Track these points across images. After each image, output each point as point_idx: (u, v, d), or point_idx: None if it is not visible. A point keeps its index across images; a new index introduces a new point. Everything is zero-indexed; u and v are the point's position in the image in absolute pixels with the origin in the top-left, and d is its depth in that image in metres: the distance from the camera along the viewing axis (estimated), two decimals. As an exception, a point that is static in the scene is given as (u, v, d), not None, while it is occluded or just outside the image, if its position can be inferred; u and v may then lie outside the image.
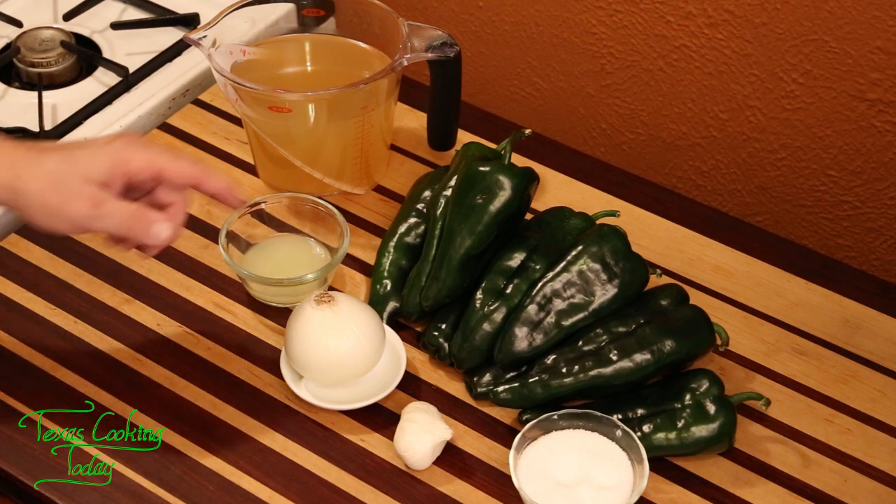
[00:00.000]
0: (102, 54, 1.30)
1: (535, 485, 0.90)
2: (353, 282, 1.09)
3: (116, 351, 1.02)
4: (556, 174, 1.19)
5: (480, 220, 1.00)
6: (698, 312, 0.99)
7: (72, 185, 0.86)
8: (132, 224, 0.88)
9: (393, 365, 1.00)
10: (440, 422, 0.94)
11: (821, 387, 1.03)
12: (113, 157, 0.87)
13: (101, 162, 0.87)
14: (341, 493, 0.93)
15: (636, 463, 0.92)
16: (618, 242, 1.00)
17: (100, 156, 0.87)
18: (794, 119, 1.17)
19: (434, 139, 1.19)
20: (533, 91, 1.33)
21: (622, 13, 1.21)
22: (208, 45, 1.07)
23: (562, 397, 0.97)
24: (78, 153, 0.87)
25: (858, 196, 1.19)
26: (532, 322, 0.98)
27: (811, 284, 1.11)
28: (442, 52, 1.09)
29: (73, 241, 1.10)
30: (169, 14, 1.35)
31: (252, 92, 1.06)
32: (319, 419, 0.98)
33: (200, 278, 1.08)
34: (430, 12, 1.34)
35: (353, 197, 1.16)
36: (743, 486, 0.95)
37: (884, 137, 1.13)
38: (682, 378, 0.97)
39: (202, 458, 0.95)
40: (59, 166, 0.86)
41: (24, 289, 1.06)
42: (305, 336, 0.96)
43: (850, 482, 0.96)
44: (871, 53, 1.09)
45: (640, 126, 1.28)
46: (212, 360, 1.02)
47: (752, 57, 1.16)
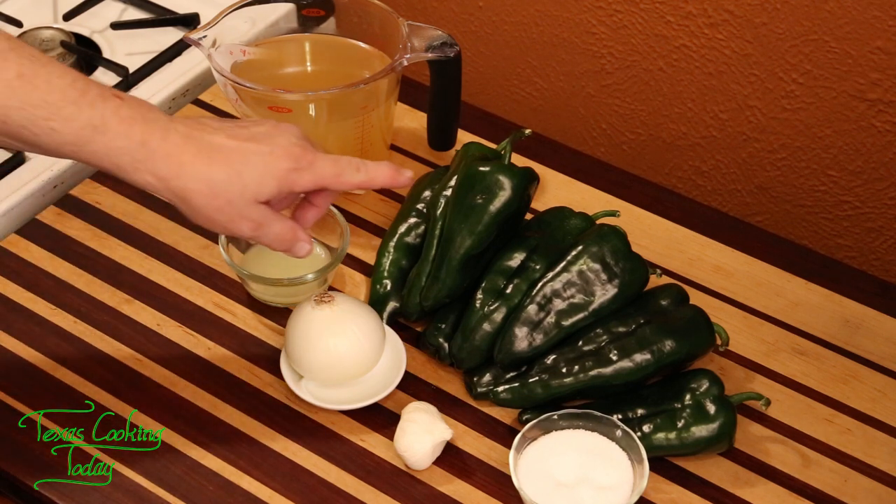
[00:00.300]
0: (102, 54, 1.30)
1: (535, 485, 0.90)
2: (353, 282, 1.09)
3: (116, 351, 1.02)
4: (556, 174, 1.19)
5: (480, 220, 1.00)
6: (698, 312, 0.99)
7: (239, 207, 0.87)
8: (284, 242, 0.91)
9: (393, 365, 1.00)
10: (440, 422, 0.94)
11: (821, 387, 1.03)
12: (280, 182, 0.88)
13: (269, 187, 0.87)
14: (341, 493, 0.93)
15: (636, 463, 0.92)
16: (618, 242, 1.00)
17: (267, 179, 0.87)
18: (794, 119, 1.17)
19: (434, 139, 1.19)
20: (533, 91, 1.33)
21: (622, 13, 1.21)
22: (208, 45, 1.07)
23: (562, 397, 0.97)
24: (246, 173, 0.86)
25: (858, 196, 1.19)
26: (532, 322, 0.98)
27: (811, 284, 1.11)
28: (442, 52, 1.09)
29: (73, 241, 1.10)
30: (169, 14, 1.35)
31: (252, 92, 1.06)
32: (319, 419, 0.98)
33: (200, 278, 1.08)
34: (430, 12, 1.34)
35: (353, 197, 1.16)
36: (743, 486, 0.95)
37: (884, 137, 1.14)
38: (682, 378, 0.97)
39: (202, 458, 0.95)
40: (227, 183, 0.86)
41: (24, 289, 1.06)
42: (305, 336, 0.96)
43: (850, 482, 0.96)
44: (871, 53, 1.09)
45: (640, 126, 1.28)
46: (212, 360, 1.02)
47: (752, 57, 1.16)
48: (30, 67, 0.81)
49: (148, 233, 1.12)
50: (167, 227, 1.12)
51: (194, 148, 0.85)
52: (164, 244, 1.11)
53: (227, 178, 0.86)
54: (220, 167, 0.86)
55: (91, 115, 0.82)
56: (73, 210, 1.13)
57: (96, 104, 0.82)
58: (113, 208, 1.13)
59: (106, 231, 1.11)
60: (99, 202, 1.14)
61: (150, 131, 0.84)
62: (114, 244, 1.10)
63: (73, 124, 0.82)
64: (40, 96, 0.81)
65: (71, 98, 0.82)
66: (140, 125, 0.84)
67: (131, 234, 1.11)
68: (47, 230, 1.11)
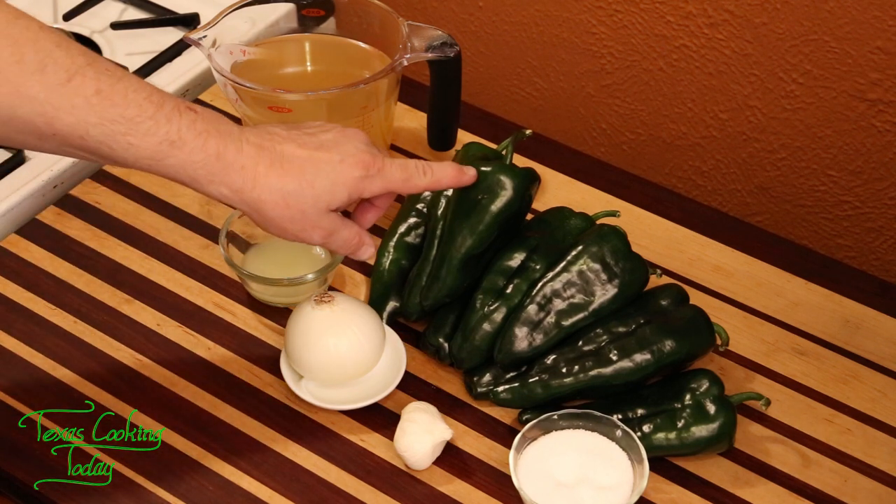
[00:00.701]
0: (102, 54, 1.30)
1: (535, 485, 0.90)
2: (353, 282, 1.09)
3: (116, 351, 1.02)
4: (557, 174, 1.19)
5: (481, 219, 1.00)
6: (698, 312, 0.99)
7: (311, 217, 0.88)
8: (351, 247, 0.93)
9: (393, 365, 1.00)
10: (440, 422, 0.94)
11: (821, 387, 1.03)
12: (350, 190, 0.88)
13: (341, 195, 0.88)
14: (341, 493, 0.93)
15: (636, 463, 0.92)
16: (618, 242, 1.00)
17: (339, 188, 0.88)
18: (794, 119, 1.17)
19: (434, 139, 1.19)
20: (533, 91, 1.33)
21: (622, 13, 1.21)
22: (208, 45, 1.07)
23: (562, 397, 0.97)
24: (317, 183, 0.87)
25: (858, 196, 1.19)
26: (532, 322, 0.98)
27: (811, 284, 1.11)
28: (442, 52, 1.09)
29: (73, 241, 1.10)
30: (169, 14, 1.35)
31: (252, 92, 1.06)
32: (319, 419, 0.98)
33: (200, 278, 1.08)
34: (430, 12, 1.34)
35: (353, 197, 1.16)
36: (743, 486, 0.95)
37: (884, 137, 1.14)
38: (682, 378, 0.97)
39: (202, 458, 0.95)
40: (300, 194, 0.86)
41: (24, 289, 1.06)
42: (305, 336, 0.96)
43: (850, 482, 0.96)
44: (871, 53, 1.09)
45: (640, 126, 1.28)
46: (212, 360, 1.02)
47: (752, 57, 1.16)
48: (107, 82, 0.81)
49: (148, 233, 1.12)
50: (167, 227, 1.12)
51: (267, 159, 0.86)
52: (164, 244, 1.11)
53: (300, 188, 0.87)
54: (292, 178, 0.86)
55: (168, 130, 0.83)
56: (73, 210, 1.13)
57: (172, 118, 0.83)
58: (113, 208, 1.13)
59: (106, 231, 1.11)
60: (99, 202, 1.14)
61: (224, 144, 0.85)
62: (114, 244, 1.10)
63: (151, 139, 0.82)
64: (119, 112, 0.81)
65: (148, 113, 0.82)
66: (215, 138, 0.85)
67: (131, 234, 1.11)
68: (47, 230, 1.11)
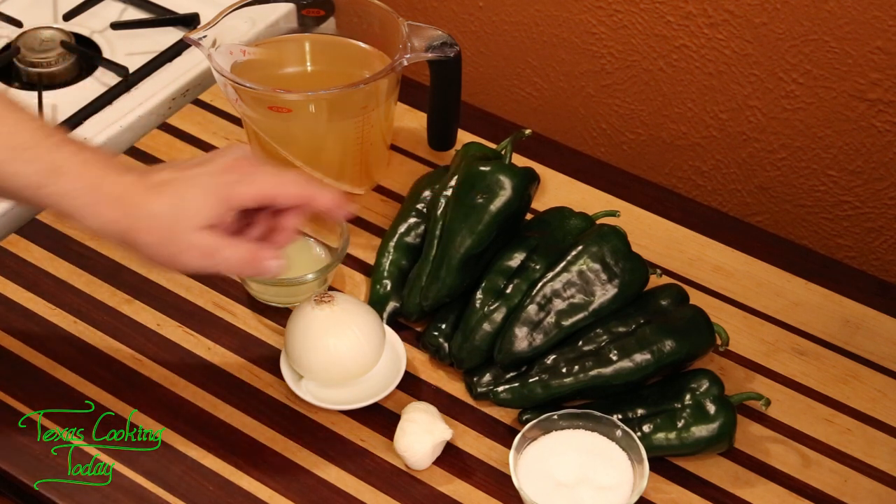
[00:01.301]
0: (102, 54, 1.30)
1: (535, 485, 0.90)
2: (353, 282, 1.09)
3: (116, 351, 1.02)
4: (556, 174, 1.19)
5: (481, 219, 1.00)
6: (698, 312, 0.99)
7: (182, 237, 0.85)
8: (245, 266, 0.88)
9: (393, 365, 1.00)
10: (440, 422, 0.94)
11: (821, 387, 1.03)
12: (219, 198, 0.85)
13: (210, 206, 0.85)
14: (341, 493, 0.93)
15: (636, 463, 0.92)
16: (618, 242, 1.00)
17: (208, 198, 0.85)
18: (794, 119, 1.17)
19: (434, 139, 1.19)
20: (533, 91, 1.33)
21: (622, 13, 1.21)
22: (208, 45, 1.07)
23: (562, 397, 0.97)
24: (188, 197, 0.85)
25: (858, 196, 1.19)
26: (532, 322, 0.98)
27: (811, 284, 1.11)
28: (442, 52, 1.09)
29: (73, 241, 1.10)
30: (169, 14, 1.35)
31: (252, 92, 1.06)
32: (319, 419, 0.98)
33: (200, 278, 1.08)
34: (430, 12, 1.34)
35: (353, 197, 1.16)
36: (743, 486, 0.95)
37: (884, 137, 1.14)
38: (682, 378, 0.97)
39: (202, 458, 0.95)
40: (169, 215, 0.84)
41: (23, 289, 1.06)
42: (305, 336, 0.96)
43: (850, 482, 0.96)
44: (871, 53, 1.09)
45: (640, 126, 1.28)
46: (212, 360, 1.02)
47: (752, 57, 1.16)
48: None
49: (148, 233, 1.11)
50: (167, 227, 1.12)
51: (143, 187, 0.85)
52: (164, 244, 1.11)
53: (171, 208, 0.84)
54: (166, 199, 0.85)
55: (54, 158, 0.83)
56: (73, 210, 1.13)
57: (61, 147, 0.83)
58: (113, 208, 1.13)
59: (106, 231, 1.11)
60: (99, 202, 1.14)
61: (104, 174, 0.84)
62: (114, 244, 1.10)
63: (35, 166, 0.82)
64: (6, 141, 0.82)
65: (37, 140, 0.82)
66: (97, 169, 0.84)
67: (131, 234, 1.11)
68: (47, 230, 1.11)
